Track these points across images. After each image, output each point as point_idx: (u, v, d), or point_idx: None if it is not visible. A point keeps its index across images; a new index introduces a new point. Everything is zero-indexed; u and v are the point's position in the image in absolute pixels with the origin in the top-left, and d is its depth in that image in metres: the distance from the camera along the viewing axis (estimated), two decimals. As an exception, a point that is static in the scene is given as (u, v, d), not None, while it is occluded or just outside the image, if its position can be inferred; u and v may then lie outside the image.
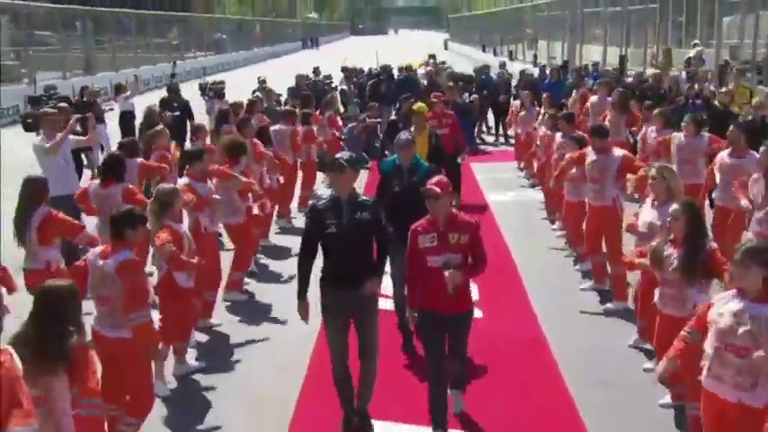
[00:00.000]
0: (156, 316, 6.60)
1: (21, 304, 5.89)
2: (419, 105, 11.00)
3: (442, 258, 5.67)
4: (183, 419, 6.59)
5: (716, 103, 13.40)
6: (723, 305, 4.75)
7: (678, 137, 10.20)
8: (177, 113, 14.81)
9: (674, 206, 6.08)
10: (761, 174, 8.00)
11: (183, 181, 8.31)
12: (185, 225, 7.59)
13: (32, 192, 7.42)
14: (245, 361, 7.74)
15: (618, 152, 8.90)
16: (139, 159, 9.67)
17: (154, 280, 7.02)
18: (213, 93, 18.00)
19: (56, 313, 4.63)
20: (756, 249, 4.70)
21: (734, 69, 18.24)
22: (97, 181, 8.98)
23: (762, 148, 8.30)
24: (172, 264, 6.69)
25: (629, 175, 9.05)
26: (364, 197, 6.20)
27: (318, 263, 6.08)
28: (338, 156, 6.02)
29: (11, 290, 6.89)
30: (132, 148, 9.95)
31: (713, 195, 9.64)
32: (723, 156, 9.05)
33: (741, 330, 4.57)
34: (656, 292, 6.18)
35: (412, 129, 9.94)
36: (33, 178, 7.71)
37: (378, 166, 9.70)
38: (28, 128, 12.70)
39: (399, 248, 6.29)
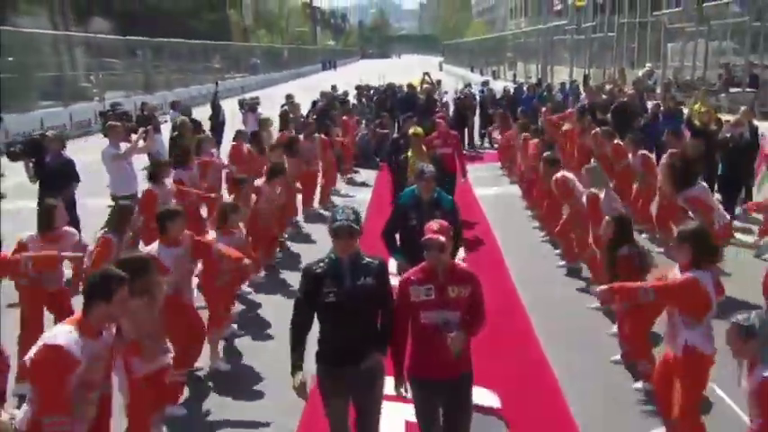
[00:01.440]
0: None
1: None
2: (416, 129, 9.79)
3: (440, 316, 4.15)
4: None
5: (696, 122, 12.23)
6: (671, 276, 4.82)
7: None
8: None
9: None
10: None
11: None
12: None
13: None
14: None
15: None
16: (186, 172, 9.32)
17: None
18: (248, 107, 18.14)
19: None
20: (686, 231, 4.82)
21: (701, 89, 17.08)
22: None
23: None
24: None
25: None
26: (368, 258, 4.34)
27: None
28: (340, 216, 4.18)
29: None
30: (184, 157, 9.62)
31: None
32: None
33: None
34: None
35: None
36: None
37: (393, 193, 9.06)
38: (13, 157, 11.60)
39: None
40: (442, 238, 4.10)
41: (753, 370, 3.81)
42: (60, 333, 3.84)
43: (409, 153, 9.26)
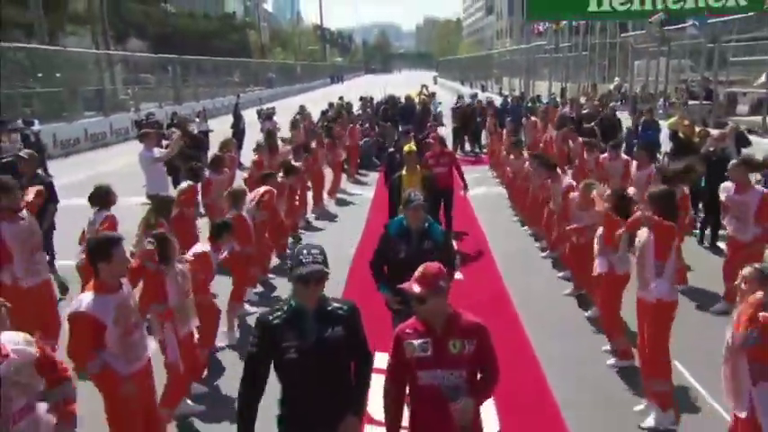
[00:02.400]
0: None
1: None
2: (410, 147, 8.07)
3: (443, 382, 3.05)
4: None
5: (680, 134, 11.25)
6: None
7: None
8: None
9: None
10: None
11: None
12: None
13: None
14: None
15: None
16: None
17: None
18: (265, 115, 18.27)
19: None
20: (654, 193, 4.87)
21: (677, 103, 16.09)
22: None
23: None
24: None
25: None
26: (336, 303, 3.25)
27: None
28: (307, 259, 3.08)
29: None
30: (218, 163, 9.46)
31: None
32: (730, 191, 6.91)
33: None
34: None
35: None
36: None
37: (388, 213, 7.26)
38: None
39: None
40: (418, 289, 3.10)
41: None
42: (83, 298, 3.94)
43: (403, 171, 7.65)
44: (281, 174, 9.31)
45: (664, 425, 4.71)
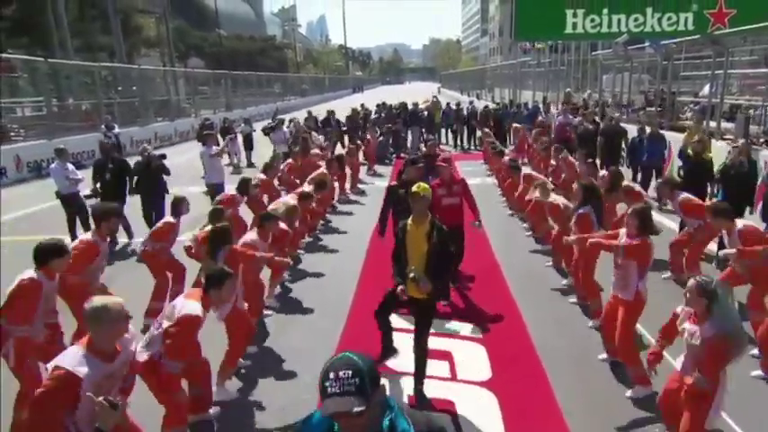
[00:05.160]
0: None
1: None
2: (421, 186, 4.51)
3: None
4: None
5: (689, 152, 8.50)
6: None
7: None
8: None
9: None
10: None
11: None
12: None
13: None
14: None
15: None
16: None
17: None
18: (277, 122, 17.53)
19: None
20: (636, 209, 4.51)
21: (694, 117, 13.09)
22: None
23: None
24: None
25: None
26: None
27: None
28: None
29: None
30: (244, 187, 7.85)
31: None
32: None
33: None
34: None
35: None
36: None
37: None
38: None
39: None
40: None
41: (702, 323, 3.40)
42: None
43: (409, 221, 4.42)
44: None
45: (642, 394, 4.48)
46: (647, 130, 11.67)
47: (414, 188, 4.45)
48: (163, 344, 3.49)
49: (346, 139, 18.02)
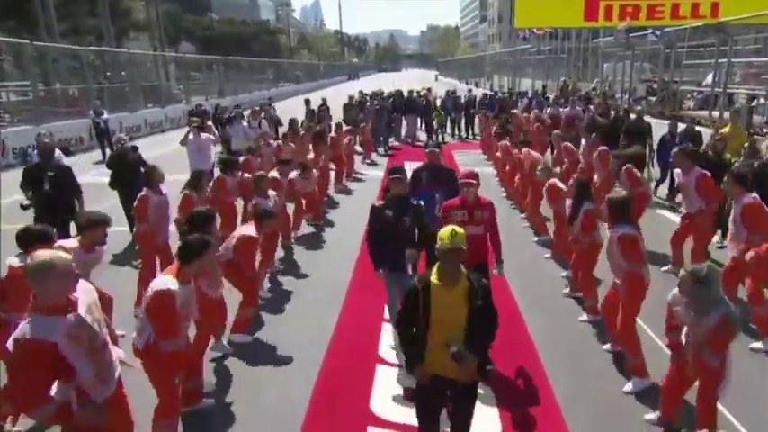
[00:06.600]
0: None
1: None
2: (453, 232, 2.92)
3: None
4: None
5: (709, 152, 8.02)
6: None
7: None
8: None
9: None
10: None
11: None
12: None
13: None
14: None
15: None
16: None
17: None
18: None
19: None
20: (611, 198, 4.55)
21: (732, 111, 11.55)
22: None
23: None
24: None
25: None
26: None
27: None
28: None
29: None
30: (233, 165, 7.92)
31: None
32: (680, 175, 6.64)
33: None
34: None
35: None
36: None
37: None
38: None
39: None
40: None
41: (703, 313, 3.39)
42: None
43: (433, 277, 3.03)
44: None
45: (640, 387, 4.46)
46: (680, 126, 10.77)
47: (442, 235, 2.98)
48: (151, 326, 3.47)
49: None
